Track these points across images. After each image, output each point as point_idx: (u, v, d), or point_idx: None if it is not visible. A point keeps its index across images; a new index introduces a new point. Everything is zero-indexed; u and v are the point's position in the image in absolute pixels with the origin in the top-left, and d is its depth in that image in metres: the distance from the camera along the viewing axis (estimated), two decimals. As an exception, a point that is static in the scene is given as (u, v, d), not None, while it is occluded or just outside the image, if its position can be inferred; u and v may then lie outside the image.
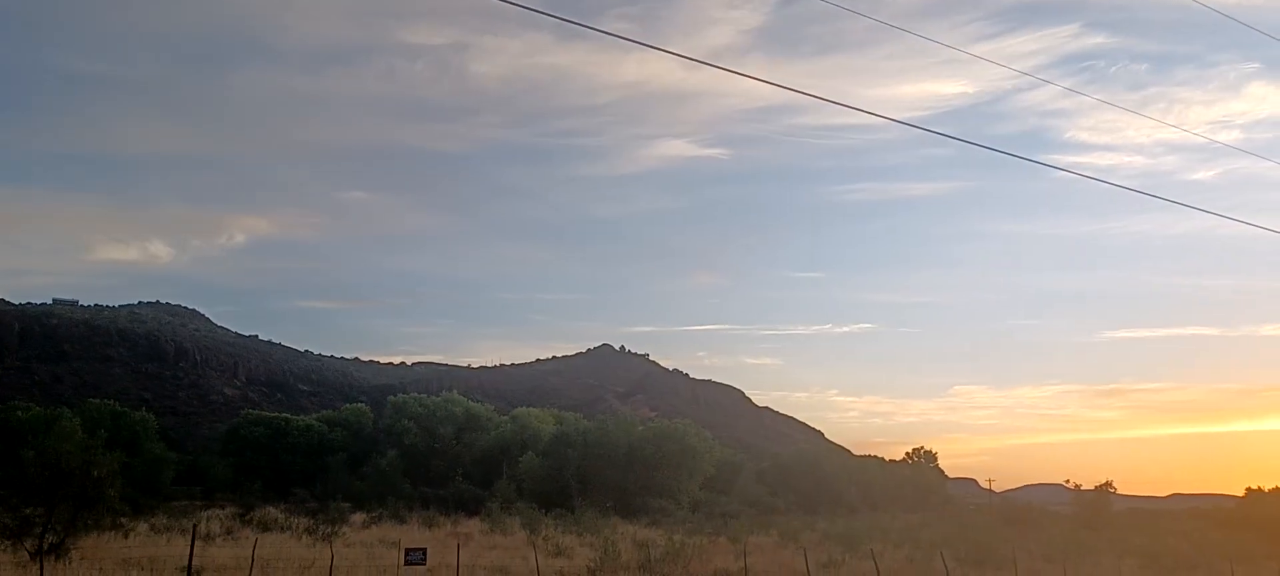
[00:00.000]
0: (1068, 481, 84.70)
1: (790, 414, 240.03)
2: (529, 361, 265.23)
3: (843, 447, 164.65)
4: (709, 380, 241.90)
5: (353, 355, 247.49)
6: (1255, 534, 55.55)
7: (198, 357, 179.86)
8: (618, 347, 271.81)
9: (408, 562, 22.78)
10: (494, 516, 49.58)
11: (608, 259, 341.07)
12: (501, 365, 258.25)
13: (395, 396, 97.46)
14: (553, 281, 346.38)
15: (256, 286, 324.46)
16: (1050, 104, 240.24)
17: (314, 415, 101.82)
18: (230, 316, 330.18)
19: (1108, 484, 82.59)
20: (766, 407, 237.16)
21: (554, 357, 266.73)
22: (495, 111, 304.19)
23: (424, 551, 23.13)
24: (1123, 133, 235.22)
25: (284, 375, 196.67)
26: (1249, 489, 76.12)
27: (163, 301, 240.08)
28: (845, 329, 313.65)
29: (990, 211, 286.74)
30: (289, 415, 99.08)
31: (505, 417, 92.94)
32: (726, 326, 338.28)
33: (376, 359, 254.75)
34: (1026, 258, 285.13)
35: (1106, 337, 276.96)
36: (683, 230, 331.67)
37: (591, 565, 28.49)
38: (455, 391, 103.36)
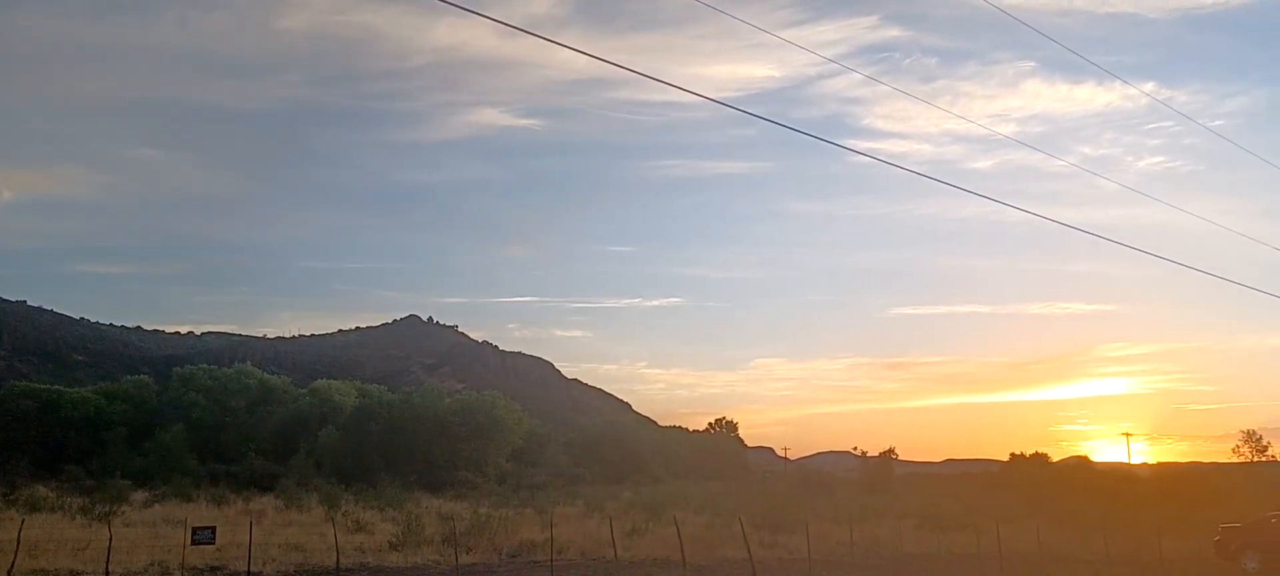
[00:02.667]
0: (856, 449, 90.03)
1: (600, 386, 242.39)
2: (331, 332, 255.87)
3: (649, 419, 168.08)
4: (519, 352, 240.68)
5: (135, 324, 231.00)
6: (1017, 495, 60.44)
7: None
8: (426, 319, 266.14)
9: (195, 542, 21.51)
10: (290, 493, 47.58)
11: (417, 227, 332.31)
12: (301, 336, 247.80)
13: (182, 367, 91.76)
14: (358, 249, 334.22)
15: (25, 247, 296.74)
16: (849, 91, 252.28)
17: (90, 387, 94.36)
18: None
19: (891, 451, 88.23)
20: (576, 379, 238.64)
21: (358, 328, 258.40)
22: (300, 69, 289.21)
23: (212, 530, 21.89)
24: (913, 121, 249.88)
25: (56, 344, 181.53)
26: (1013, 454, 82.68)
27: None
28: (655, 302, 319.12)
29: (793, 191, 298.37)
30: (62, 387, 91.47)
31: (304, 390, 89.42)
32: (538, 298, 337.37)
33: (162, 328, 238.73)
34: (825, 236, 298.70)
35: (895, 314, 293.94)
36: (495, 200, 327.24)
37: (393, 540, 27.87)
38: (249, 363, 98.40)
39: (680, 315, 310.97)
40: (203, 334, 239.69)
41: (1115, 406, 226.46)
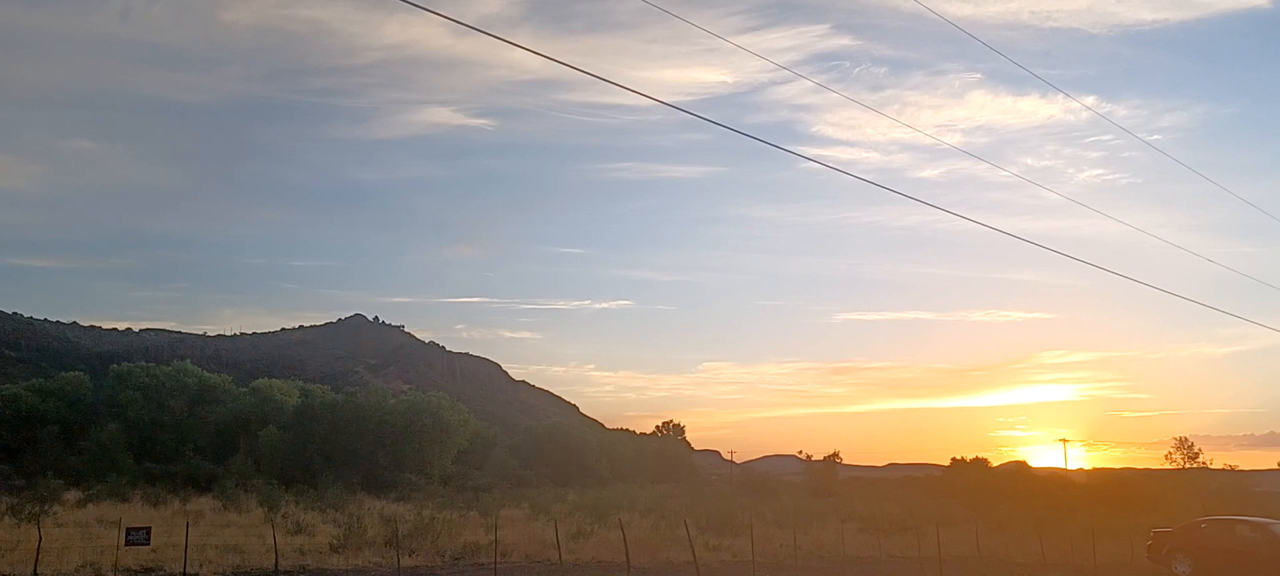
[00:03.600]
0: (801, 452, 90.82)
1: (547, 388, 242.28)
2: (274, 331, 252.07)
3: (597, 421, 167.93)
4: (466, 353, 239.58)
5: (71, 319, 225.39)
6: (958, 499, 61.44)
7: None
8: (372, 318, 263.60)
9: (129, 543, 21.01)
10: (228, 493, 46.72)
11: (364, 226, 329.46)
12: (243, 334, 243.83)
13: (119, 365, 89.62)
14: (304, 247, 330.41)
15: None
16: (800, 98, 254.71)
17: (22, 384, 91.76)
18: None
19: (835, 455, 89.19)
20: (523, 381, 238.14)
21: (301, 327, 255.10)
22: (245, 63, 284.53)
23: (148, 530, 21.39)
24: (862, 130, 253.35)
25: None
26: (954, 459, 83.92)
27: None
28: (603, 305, 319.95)
29: (743, 197, 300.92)
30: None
31: (244, 389, 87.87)
32: (486, 299, 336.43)
33: (99, 324, 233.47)
34: (774, 242, 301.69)
35: (841, 319, 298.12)
36: (444, 200, 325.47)
37: (334, 542, 27.50)
38: (189, 360, 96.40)
39: (629, 318, 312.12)
40: (141, 330, 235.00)
41: (1053, 412, 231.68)
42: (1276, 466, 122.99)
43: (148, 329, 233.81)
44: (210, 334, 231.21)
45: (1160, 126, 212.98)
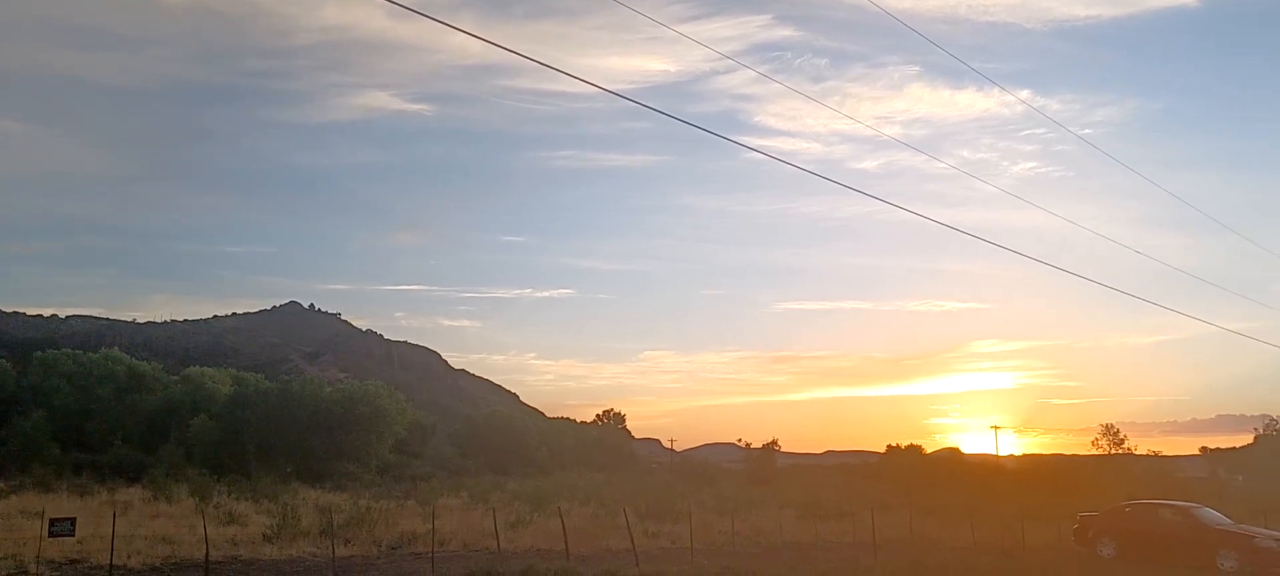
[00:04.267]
0: (740, 440, 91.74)
1: (487, 376, 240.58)
2: (206, 318, 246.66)
3: (537, 410, 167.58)
4: (404, 341, 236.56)
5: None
6: (893, 484, 62.60)
7: None
8: (307, 305, 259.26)
9: (52, 534, 20.38)
10: (158, 483, 45.62)
11: (300, 212, 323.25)
12: (174, 321, 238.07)
13: (44, 352, 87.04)
14: (238, 232, 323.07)
15: None
16: (742, 88, 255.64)
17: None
18: None
19: (774, 442, 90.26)
20: (463, 370, 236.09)
21: (235, 314, 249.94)
22: (178, 44, 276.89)
23: (72, 521, 20.76)
24: (803, 120, 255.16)
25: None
26: (889, 446, 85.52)
27: None
28: (545, 293, 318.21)
29: (685, 186, 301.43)
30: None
31: (175, 378, 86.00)
32: (425, 287, 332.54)
33: (22, 310, 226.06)
34: (716, 232, 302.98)
35: (781, 309, 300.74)
36: (383, 186, 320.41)
37: (267, 532, 27.03)
38: (117, 348, 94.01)
39: (570, 306, 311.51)
40: (67, 317, 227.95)
41: (986, 400, 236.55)
42: (1198, 453, 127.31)
43: (75, 315, 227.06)
44: (140, 321, 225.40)
45: (1092, 121, 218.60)
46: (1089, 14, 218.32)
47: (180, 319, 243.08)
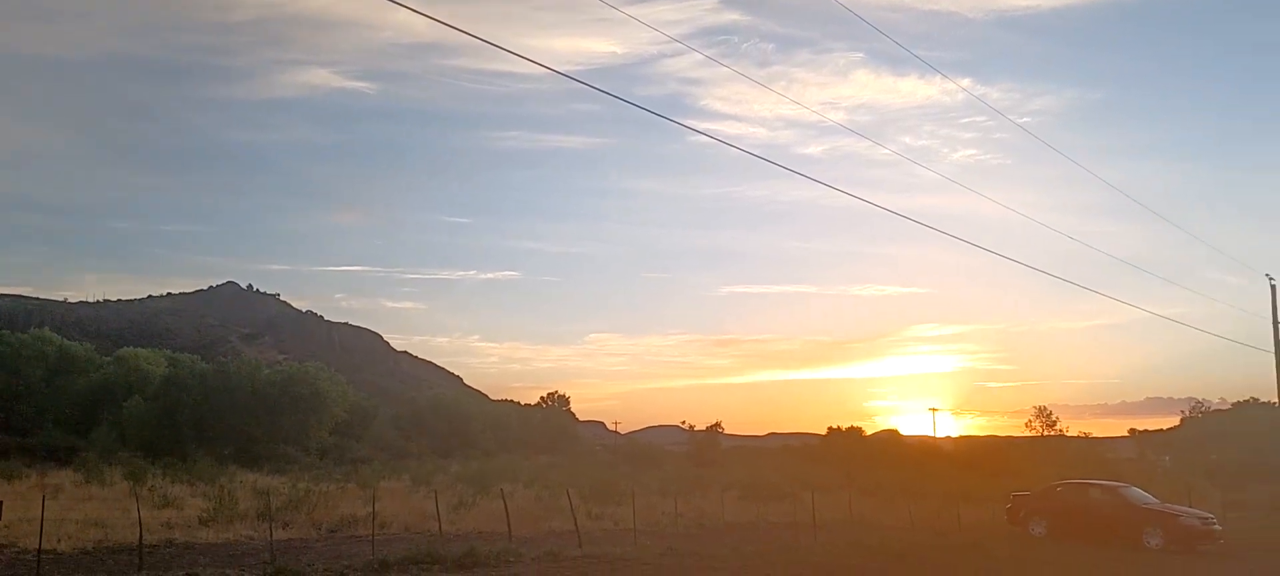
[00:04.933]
0: (684, 422, 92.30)
1: (430, 359, 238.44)
2: (140, 297, 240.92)
3: (481, 392, 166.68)
4: (345, 323, 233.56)
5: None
6: (833, 466, 63.42)
7: None
8: (245, 286, 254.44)
9: (-23, 519, 19.87)
10: (91, 466, 44.61)
11: (239, 190, 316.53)
12: (107, 300, 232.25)
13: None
14: (174, 211, 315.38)
15: None
16: (689, 72, 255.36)
17: None
18: None
19: (717, 425, 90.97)
20: (405, 352, 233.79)
21: (170, 294, 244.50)
22: (110, 16, 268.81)
23: (-2, 506, 20.23)
24: (749, 105, 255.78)
25: None
26: (830, 428, 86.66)
27: None
28: (489, 275, 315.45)
29: (631, 169, 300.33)
30: None
31: (108, 359, 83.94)
32: (367, 268, 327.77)
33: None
34: (661, 215, 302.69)
35: (726, 292, 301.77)
36: (324, 165, 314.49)
37: (204, 516, 26.60)
38: (47, 328, 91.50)
39: (515, 289, 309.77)
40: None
41: (924, 383, 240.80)
42: (1127, 434, 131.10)
43: (3, 294, 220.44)
44: (72, 300, 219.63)
45: (1031, 109, 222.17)
46: (1029, 4, 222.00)
47: (113, 298, 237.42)
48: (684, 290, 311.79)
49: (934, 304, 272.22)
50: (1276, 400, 53.06)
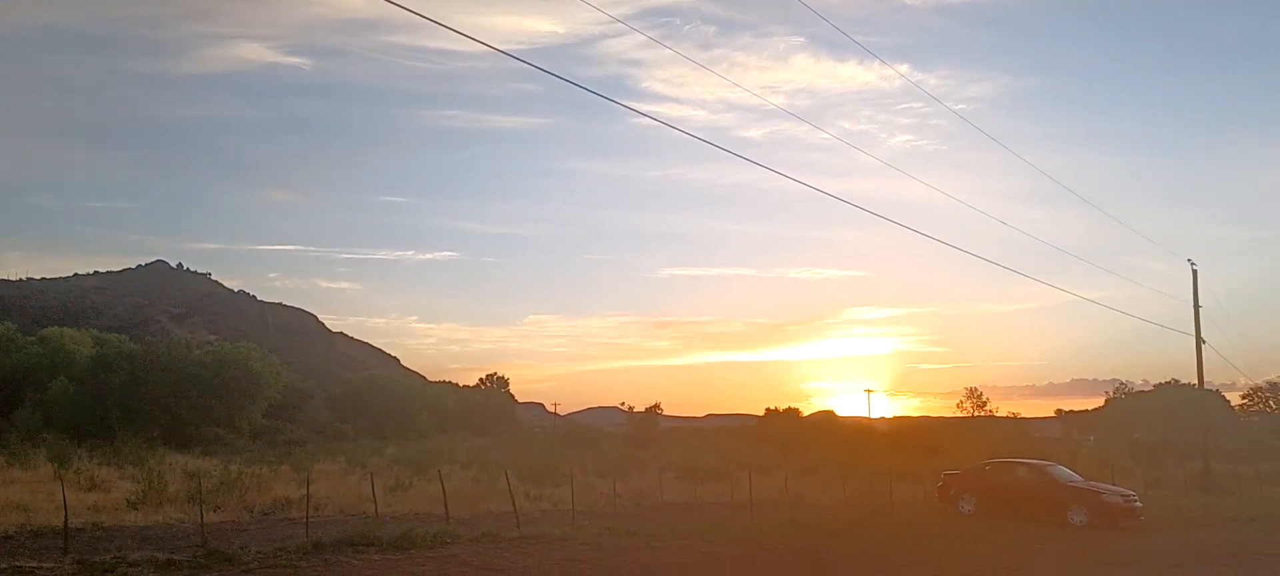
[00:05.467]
0: (623, 404, 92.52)
1: (367, 339, 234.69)
2: (66, 276, 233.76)
3: (418, 373, 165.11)
4: (279, 303, 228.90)
5: None
6: (771, 446, 64.22)
7: None
8: (175, 264, 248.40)
9: (-109, 505, 19.26)
10: (14, 449, 43.32)
11: (169, 167, 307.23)
12: (30, 279, 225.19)
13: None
14: (101, 188, 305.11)
15: None
16: (631, 53, 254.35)
17: None
18: None
19: (656, 406, 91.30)
20: (341, 333, 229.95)
21: (97, 272, 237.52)
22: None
23: (-86, 491, 19.65)
24: (691, 88, 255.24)
25: None
26: (768, 409, 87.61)
27: None
28: (427, 256, 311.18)
29: (572, 150, 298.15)
30: None
31: (31, 339, 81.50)
32: (302, 247, 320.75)
33: None
34: (602, 196, 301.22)
35: (665, 274, 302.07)
36: (257, 142, 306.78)
37: (132, 498, 26.03)
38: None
39: (454, 269, 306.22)
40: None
41: (860, 365, 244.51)
42: (1054, 414, 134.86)
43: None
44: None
45: (966, 96, 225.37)
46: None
47: (37, 276, 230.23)
48: (624, 272, 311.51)
49: (871, 287, 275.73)
50: (1197, 381, 55.06)
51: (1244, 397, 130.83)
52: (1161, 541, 25.31)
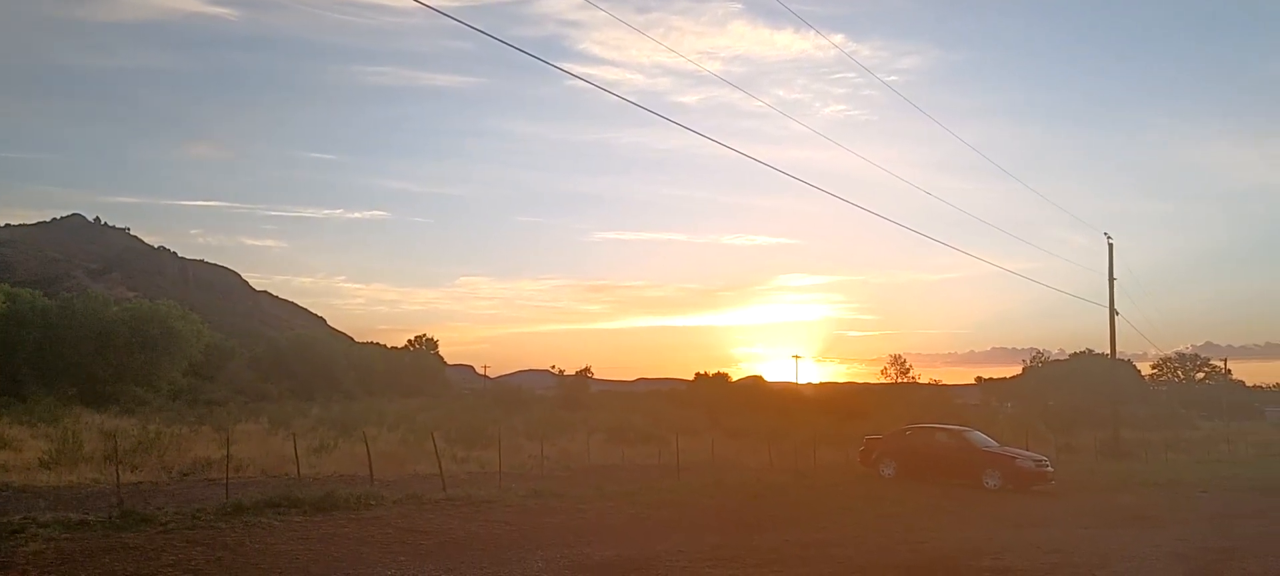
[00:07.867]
0: (554, 367, 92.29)
1: (292, 299, 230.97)
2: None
3: (345, 334, 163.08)
4: (201, 260, 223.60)
5: None
6: (699, 411, 64.78)
7: None
8: (92, 219, 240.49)
9: None
10: (-83, 408, 41.85)
11: (85, 118, 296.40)
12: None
13: None
14: (13, 138, 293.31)
15: None
16: (567, 14, 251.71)
17: None
18: None
19: (587, 369, 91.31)
20: (265, 291, 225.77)
21: (8, 226, 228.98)
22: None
23: None
24: (627, 51, 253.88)
25: None
26: (698, 373, 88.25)
27: None
28: (357, 215, 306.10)
29: (506, 111, 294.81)
30: None
31: (-63, 293, 78.40)
32: (226, 203, 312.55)
33: None
34: (536, 158, 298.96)
35: (599, 238, 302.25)
36: (179, 94, 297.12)
37: (44, 458, 25.34)
38: None
39: (383, 229, 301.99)
40: None
41: (789, 331, 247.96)
42: (974, 382, 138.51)
43: None
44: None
45: (898, 68, 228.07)
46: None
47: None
48: (557, 234, 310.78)
49: (801, 254, 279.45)
50: (1109, 352, 56.99)
51: (1154, 367, 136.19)
52: (1071, 504, 26.23)
